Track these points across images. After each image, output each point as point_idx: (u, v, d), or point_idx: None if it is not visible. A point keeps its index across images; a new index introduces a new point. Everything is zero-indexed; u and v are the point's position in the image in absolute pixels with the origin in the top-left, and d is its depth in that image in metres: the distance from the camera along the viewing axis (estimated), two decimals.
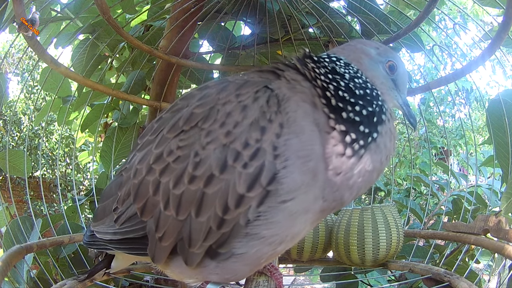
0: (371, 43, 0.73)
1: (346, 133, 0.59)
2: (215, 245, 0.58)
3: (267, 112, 0.56)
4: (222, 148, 0.55)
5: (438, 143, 4.54)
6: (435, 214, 1.75)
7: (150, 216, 0.62)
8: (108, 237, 0.69)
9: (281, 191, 0.54)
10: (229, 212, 0.55)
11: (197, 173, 0.56)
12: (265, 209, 0.55)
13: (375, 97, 0.64)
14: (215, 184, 0.55)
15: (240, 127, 0.55)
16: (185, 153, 0.58)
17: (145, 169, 0.62)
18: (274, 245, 0.58)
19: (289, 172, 0.54)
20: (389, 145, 0.64)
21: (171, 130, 0.61)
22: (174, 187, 0.58)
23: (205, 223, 0.56)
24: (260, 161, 0.54)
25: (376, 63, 0.69)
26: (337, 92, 0.61)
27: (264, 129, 0.55)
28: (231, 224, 0.55)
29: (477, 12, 4.02)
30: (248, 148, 0.54)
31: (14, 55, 5.75)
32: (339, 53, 0.69)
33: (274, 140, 0.54)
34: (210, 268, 0.61)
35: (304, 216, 0.59)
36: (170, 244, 0.60)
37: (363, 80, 0.65)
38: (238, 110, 0.57)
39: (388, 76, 0.69)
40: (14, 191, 4.55)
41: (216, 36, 1.51)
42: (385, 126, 0.63)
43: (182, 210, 0.58)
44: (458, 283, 0.90)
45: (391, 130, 0.65)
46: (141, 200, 0.62)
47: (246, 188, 0.54)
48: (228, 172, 0.54)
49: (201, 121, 0.58)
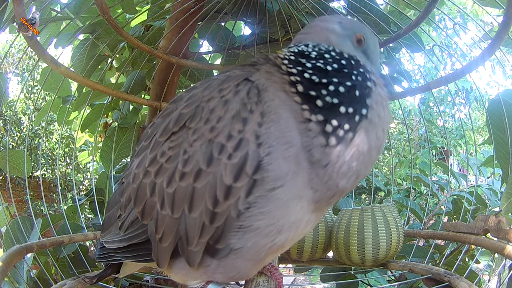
0: (333, 18, 0.69)
1: (326, 122, 0.56)
2: (211, 240, 0.57)
3: (248, 103, 0.56)
4: (208, 143, 0.56)
5: (438, 143, 4.54)
6: (435, 214, 1.75)
7: (149, 218, 0.62)
8: (115, 246, 0.70)
9: (267, 178, 0.54)
10: (219, 204, 0.55)
11: (186, 169, 0.57)
12: (254, 199, 0.55)
13: (354, 66, 0.60)
14: (204, 178, 0.56)
15: (223, 121, 0.56)
16: (175, 153, 0.59)
17: (142, 172, 0.63)
18: (271, 236, 0.57)
19: (273, 159, 0.54)
20: (383, 114, 0.59)
21: (162, 134, 0.62)
22: (167, 186, 0.59)
23: (198, 219, 0.57)
24: (244, 151, 0.54)
25: (343, 38, 0.66)
26: (303, 75, 0.59)
27: (246, 120, 0.55)
28: (223, 217, 0.56)
29: (477, 12, 4.02)
30: (231, 139, 0.55)
31: (14, 55, 5.76)
32: (305, 39, 0.67)
33: (256, 129, 0.55)
34: (213, 267, 0.60)
35: (297, 203, 0.57)
36: (170, 244, 0.60)
37: (336, 52, 0.62)
38: (220, 105, 0.57)
39: (358, 49, 0.66)
40: (14, 191, 4.55)
41: (216, 36, 1.51)
42: (373, 94, 0.59)
43: (176, 207, 0.58)
44: (458, 283, 0.90)
45: (381, 95, 0.60)
46: (140, 203, 0.63)
47: (232, 179, 0.54)
48: (214, 164, 0.55)
49: (188, 121, 0.60)
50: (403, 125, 4.79)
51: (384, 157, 4.39)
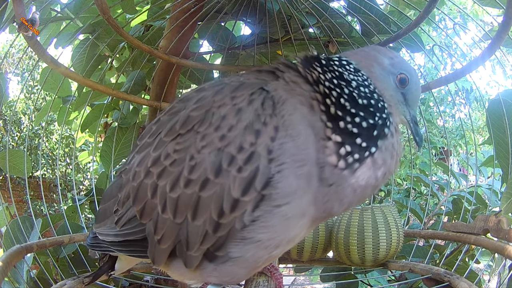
0: (387, 52, 0.69)
1: (342, 145, 0.57)
2: (212, 248, 0.58)
3: (262, 114, 0.55)
4: (217, 152, 0.55)
5: (438, 143, 4.54)
6: (435, 214, 1.75)
7: (149, 218, 0.62)
8: (109, 239, 0.70)
9: (275, 195, 0.54)
10: (224, 216, 0.55)
11: (192, 176, 0.56)
12: (260, 213, 0.55)
13: (380, 109, 0.61)
14: (210, 188, 0.55)
15: (234, 130, 0.55)
16: (181, 157, 0.58)
17: (144, 172, 0.63)
18: (270, 249, 0.58)
19: (284, 176, 0.54)
20: (390, 162, 0.61)
21: (168, 134, 0.61)
22: (170, 191, 0.58)
23: (202, 227, 0.57)
24: (254, 165, 0.53)
25: (388, 74, 0.66)
26: (339, 100, 0.59)
27: (259, 133, 0.54)
28: (227, 228, 0.56)
29: (477, 12, 4.02)
30: (242, 152, 0.54)
31: (14, 55, 5.75)
32: (351, 57, 0.66)
33: (269, 143, 0.54)
34: (209, 270, 0.61)
35: (299, 220, 0.58)
36: (169, 247, 0.61)
37: (370, 90, 0.62)
38: (232, 113, 0.56)
39: (398, 89, 0.66)
40: (14, 191, 4.55)
41: (216, 36, 1.51)
42: (386, 141, 0.60)
43: (179, 213, 0.58)
44: (458, 283, 0.90)
45: (394, 146, 0.62)
46: (140, 203, 0.63)
47: (241, 193, 0.54)
48: (223, 176, 0.54)
49: (197, 125, 0.58)
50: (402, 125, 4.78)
51: None
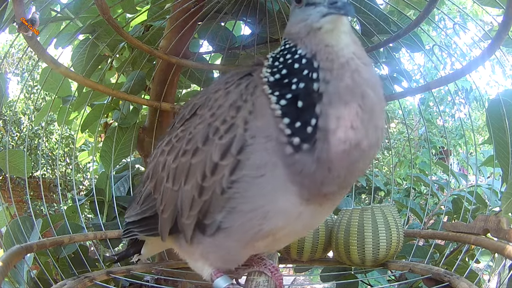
0: None
1: (292, 122, 0.57)
2: (200, 214, 0.64)
3: (244, 94, 0.63)
4: (207, 126, 0.64)
5: (438, 143, 4.53)
6: (435, 214, 1.75)
7: (159, 192, 0.71)
8: (132, 219, 0.79)
9: (248, 165, 0.59)
10: (206, 179, 0.62)
11: (188, 147, 0.65)
12: (237, 180, 0.59)
13: (296, 70, 0.60)
14: (199, 155, 0.63)
15: (222, 108, 0.63)
16: (183, 134, 0.68)
17: (159, 152, 0.73)
18: (257, 220, 0.61)
19: (255, 149, 0.59)
20: (359, 98, 0.56)
21: (179, 121, 0.73)
22: (172, 162, 0.68)
23: (190, 191, 0.64)
24: (233, 133, 0.60)
25: (293, 9, 0.65)
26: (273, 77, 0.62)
27: (240, 108, 0.62)
28: (209, 191, 0.62)
29: (477, 12, 4.02)
30: (225, 123, 0.62)
31: (14, 55, 5.74)
32: None
33: (247, 116, 0.60)
34: (206, 245, 0.67)
35: (283, 195, 0.60)
36: (169, 216, 0.68)
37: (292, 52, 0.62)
38: (223, 95, 0.65)
39: (300, 9, 0.62)
40: (14, 191, 4.54)
41: (216, 36, 1.51)
42: (330, 86, 0.56)
43: (176, 180, 0.67)
44: (458, 283, 0.90)
45: (358, 68, 0.57)
46: (154, 179, 0.73)
47: (219, 157, 0.61)
48: (208, 144, 0.62)
49: (198, 109, 0.69)
50: (403, 125, 4.78)
51: (384, 157, 4.39)
